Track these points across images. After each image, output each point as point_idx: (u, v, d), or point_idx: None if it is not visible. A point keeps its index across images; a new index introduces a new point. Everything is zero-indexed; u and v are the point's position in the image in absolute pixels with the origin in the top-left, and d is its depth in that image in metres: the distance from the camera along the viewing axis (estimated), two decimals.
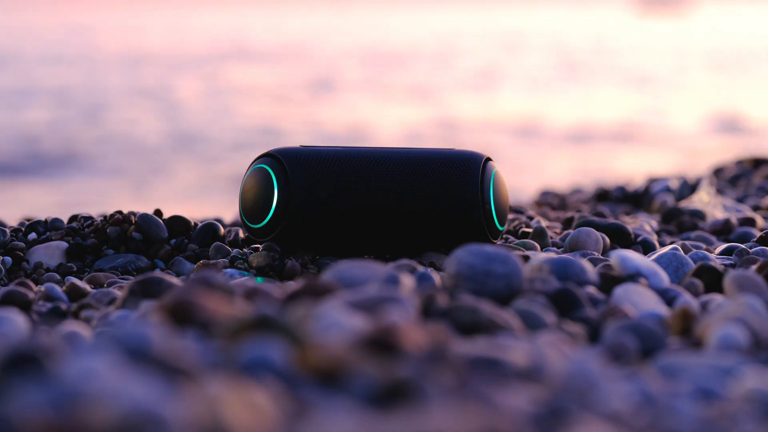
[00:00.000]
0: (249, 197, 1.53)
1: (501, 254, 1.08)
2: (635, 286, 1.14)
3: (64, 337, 1.00)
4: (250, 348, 0.78)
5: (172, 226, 1.62)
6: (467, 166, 1.55)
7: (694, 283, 1.23)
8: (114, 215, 1.61)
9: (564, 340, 0.96)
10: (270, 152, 1.54)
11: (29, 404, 0.64)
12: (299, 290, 1.00)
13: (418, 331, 0.83)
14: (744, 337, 0.97)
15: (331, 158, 1.52)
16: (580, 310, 1.06)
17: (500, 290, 1.07)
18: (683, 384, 0.85)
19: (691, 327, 1.03)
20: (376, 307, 0.94)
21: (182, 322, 0.89)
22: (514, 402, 0.73)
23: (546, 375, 0.81)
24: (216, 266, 1.49)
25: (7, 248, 1.56)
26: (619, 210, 2.26)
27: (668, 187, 2.33)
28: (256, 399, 0.69)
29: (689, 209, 2.03)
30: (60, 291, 1.30)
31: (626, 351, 0.96)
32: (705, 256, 1.42)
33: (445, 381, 0.76)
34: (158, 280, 1.16)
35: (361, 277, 1.05)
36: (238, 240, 1.62)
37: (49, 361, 0.71)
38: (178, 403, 0.66)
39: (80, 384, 0.66)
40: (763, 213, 2.12)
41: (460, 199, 1.54)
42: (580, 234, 1.58)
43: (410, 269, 1.24)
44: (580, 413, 0.74)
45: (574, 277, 1.15)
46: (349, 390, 0.75)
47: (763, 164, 2.85)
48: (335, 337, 0.82)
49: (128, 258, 1.56)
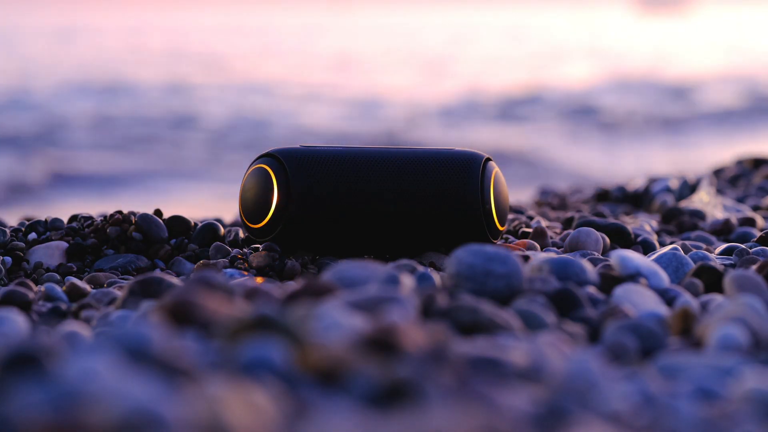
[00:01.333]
0: (249, 197, 1.53)
1: (501, 254, 1.08)
2: (635, 286, 1.14)
3: (64, 337, 1.00)
4: (250, 348, 0.78)
5: (172, 226, 1.62)
6: (467, 166, 1.55)
7: (694, 283, 1.23)
8: (114, 215, 1.60)
9: (564, 340, 0.96)
10: (270, 152, 1.54)
11: (29, 404, 0.64)
12: (299, 290, 1.00)
13: (418, 331, 0.84)
14: (744, 337, 0.97)
15: (331, 158, 1.52)
16: (580, 310, 1.06)
17: (500, 290, 1.07)
18: (683, 384, 0.85)
19: (691, 327, 1.03)
20: (376, 307, 0.94)
21: (182, 322, 0.89)
22: (514, 402, 0.73)
23: (546, 375, 0.81)
24: (216, 266, 1.50)
25: (7, 248, 1.56)
26: (619, 210, 2.26)
27: (668, 187, 2.32)
28: (256, 399, 0.69)
29: (689, 209, 2.03)
30: (60, 291, 1.30)
31: (626, 351, 0.96)
32: (705, 256, 1.42)
33: (445, 381, 0.76)
34: (158, 280, 1.16)
35: (361, 277, 1.05)
36: (238, 240, 1.62)
37: (49, 361, 0.71)
38: (178, 403, 0.66)
39: (80, 384, 0.66)
40: (763, 213, 2.12)
41: (460, 199, 1.54)
42: (580, 234, 1.59)
43: (410, 269, 1.24)
44: (580, 413, 0.74)
45: (574, 277, 1.15)
46: (349, 390, 0.75)
47: (763, 164, 2.85)
48: (335, 337, 0.82)
49: (128, 258, 1.56)
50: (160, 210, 1.64)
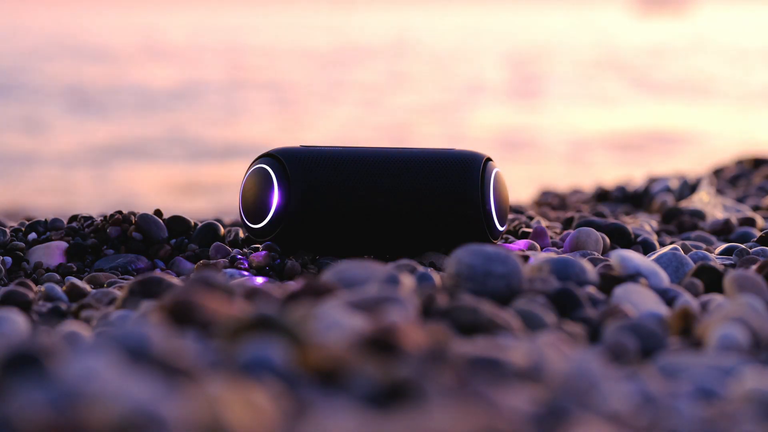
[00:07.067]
0: (249, 197, 1.53)
1: (501, 254, 1.08)
2: (635, 286, 1.14)
3: (64, 337, 1.00)
4: (250, 348, 0.78)
5: (172, 226, 1.62)
6: (467, 166, 1.55)
7: (694, 283, 1.23)
8: (114, 215, 1.61)
9: (564, 340, 0.96)
10: (270, 152, 1.54)
11: (29, 404, 0.64)
12: (299, 290, 1.00)
13: (418, 331, 0.84)
14: (744, 337, 0.97)
15: (332, 158, 1.52)
16: (580, 310, 1.06)
17: (500, 290, 1.07)
18: (683, 384, 0.85)
19: (691, 327, 1.03)
20: (376, 307, 0.94)
21: (182, 322, 0.89)
22: (514, 402, 0.73)
23: (546, 375, 0.81)
24: (216, 266, 1.50)
25: (7, 248, 1.56)
26: (619, 210, 2.26)
27: (668, 187, 2.33)
28: (256, 399, 0.69)
29: (689, 209, 2.03)
30: (60, 291, 1.30)
31: (626, 351, 0.96)
32: (705, 256, 1.42)
33: (445, 381, 0.76)
34: (158, 280, 1.16)
35: (361, 277, 1.05)
36: (238, 240, 1.62)
37: (49, 361, 0.71)
38: (178, 403, 0.66)
39: (80, 384, 0.66)
40: (763, 213, 2.12)
41: (461, 200, 1.54)
42: (580, 234, 1.59)
43: (410, 269, 1.24)
44: (580, 413, 0.74)
45: (574, 277, 1.15)
46: (349, 390, 0.75)
47: (763, 164, 2.85)
48: (335, 337, 0.82)
49: (128, 258, 1.56)
50: (160, 210, 1.64)
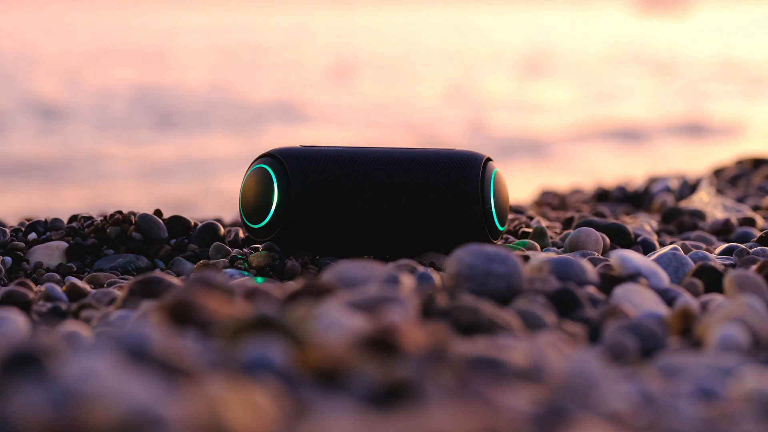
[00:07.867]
0: (249, 197, 1.53)
1: (501, 254, 1.08)
2: (635, 286, 1.14)
3: (64, 337, 1.00)
4: (250, 348, 0.78)
5: (172, 226, 1.62)
6: (467, 166, 1.55)
7: (694, 283, 1.23)
8: (114, 215, 1.61)
9: (564, 340, 0.96)
10: (270, 152, 1.54)
11: (29, 404, 0.64)
12: (299, 290, 1.00)
13: (418, 331, 0.84)
14: (744, 337, 0.97)
15: (332, 158, 1.52)
16: (580, 310, 1.06)
17: (500, 290, 1.07)
18: (683, 384, 0.85)
19: (691, 327, 1.03)
20: (376, 307, 0.94)
21: (182, 322, 0.89)
22: (514, 402, 0.73)
23: (546, 375, 0.81)
24: (216, 266, 1.49)
25: (7, 248, 1.56)
26: (619, 210, 2.26)
27: (668, 187, 2.33)
28: (256, 399, 0.69)
29: (689, 209, 2.03)
30: (60, 291, 1.30)
31: (626, 351, 0.96)
32: (705, 256, 1.42)
33: (445, 381, 0.76)
34: (158, 280, 1.16)
35: (361, 277, 1.05)
36: (238, 240, 1.62)
37: (49, 361, 0.71)
38: (178, 403, 0.66)
39: (80, 384, 0.66)
40: (763, 213, 2.12)
41: (461, 199, 1.54)
42: (580, 234, 1.58)
43: (410, 269, 1.24)
44: (580, 413, 0.74)
45: (574, 277, 1.15)
46: (349, 390, 0.75)
47: (763, 164, 2.84)
48: (335, 337, 0.82)
49: (128, 258, 1.56)
50: (160, 210, 1.64)
